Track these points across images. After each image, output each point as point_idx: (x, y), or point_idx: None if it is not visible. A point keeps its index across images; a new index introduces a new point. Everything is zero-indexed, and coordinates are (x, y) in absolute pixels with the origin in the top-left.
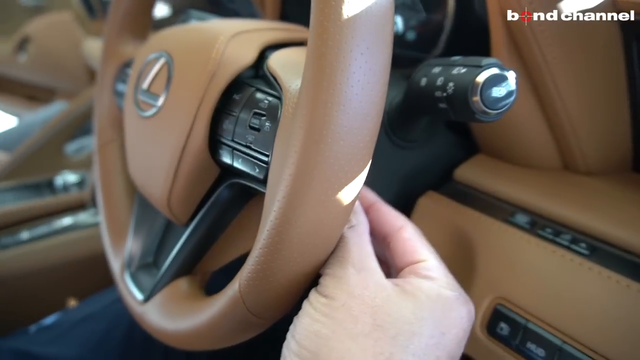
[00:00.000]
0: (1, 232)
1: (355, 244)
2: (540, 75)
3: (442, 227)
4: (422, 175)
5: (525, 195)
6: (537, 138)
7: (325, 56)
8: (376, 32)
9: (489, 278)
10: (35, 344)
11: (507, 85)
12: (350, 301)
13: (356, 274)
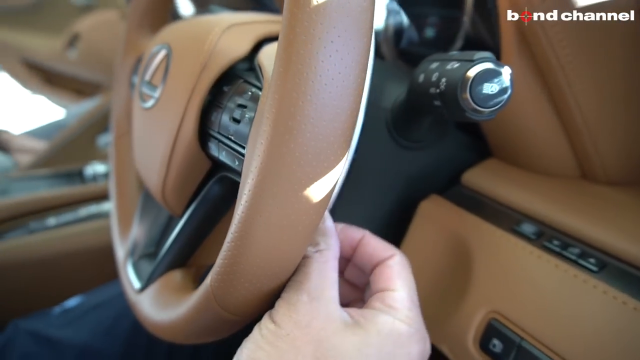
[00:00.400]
0: (30, 218)
1: (316, 270)
2: (554, 77)
3: (442, 233)
4: (428, 177)
5: (534, 204)
6: (553, 144)
7: (292, 44)
8: (349, 19)
9: (485, 290)
10: (50, 327)
11: (500, 82)
12: (296, 331)
13: (308, 303)
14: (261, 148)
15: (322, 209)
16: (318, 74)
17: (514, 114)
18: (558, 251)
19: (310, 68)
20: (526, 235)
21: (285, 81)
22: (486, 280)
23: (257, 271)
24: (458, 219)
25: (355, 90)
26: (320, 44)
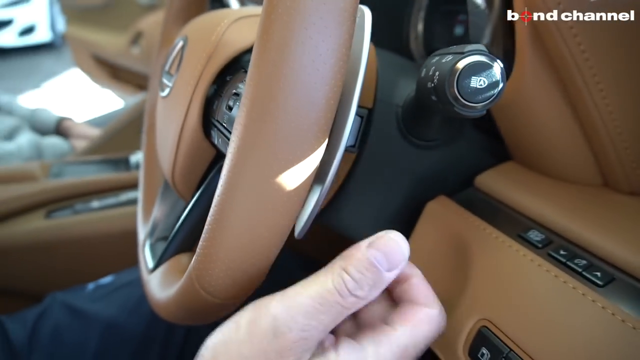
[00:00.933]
0: (77, 199)
1: (331, 311)
2: (570, 76)
3: (444, 236)
4: (439, 178)
5: (546, 210)
6: (571, 149)
7: (267, 31)
8: (326, 7)
9: (479, 296)
10: (82, 300)
11: (490, 76)
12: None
13: (288, 333)
14: (236, 134)
15: (297, 197)
16: (290, 61)
17: (529, 115)
18: (563, 261)
19: (282, 56)
20: (532, 243)
21: (259, 68)
22: (482, 286)
23: (232, 255)
24: (462, 221)
25: (329, 79)
26: (294, 31)
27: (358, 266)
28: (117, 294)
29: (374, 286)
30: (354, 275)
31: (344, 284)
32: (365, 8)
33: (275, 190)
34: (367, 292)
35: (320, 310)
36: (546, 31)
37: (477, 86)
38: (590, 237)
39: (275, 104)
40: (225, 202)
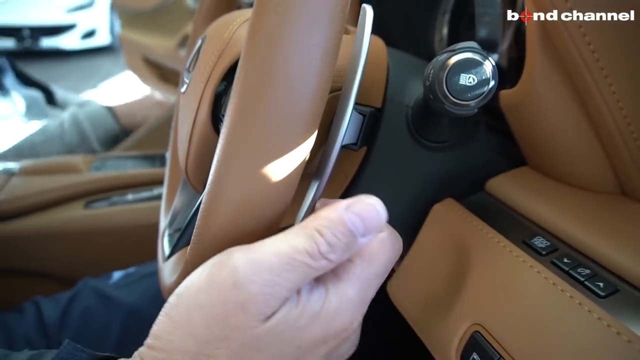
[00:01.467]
0: (114, 192)
1: (294, 269)
2: (583, 80)
3: (447, 239)
4: (449, 180)
5: (554, 216)
6: (585, 154)
7: (256, 24)
8: (315, 2)
9: (475, 301)
10: (111, 286)
11: (480, 73)
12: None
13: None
14: (225, 124)
15: (285, 188)
16: (277, 53)
17: (540, 118)
18: (566, 270)
19: (270, 48)
20: (536, 249)
21: (247, 60)
22: (479, 291)
23: (221, 244)
24: (466, 225)
25: (316, 72)
26: (282, 25)
27: (333, 229)
28: (141, 283)
29: (346, 250)
30: (328, 239)
31: (316, 246)
32: (368, 7)
33: (262, 181)
34: (339, 256)
35: (286, 269)
36: (555, 31)
37: (467, 83)
38: (598, 245)
39: (262, 95)
40: (214, 191)
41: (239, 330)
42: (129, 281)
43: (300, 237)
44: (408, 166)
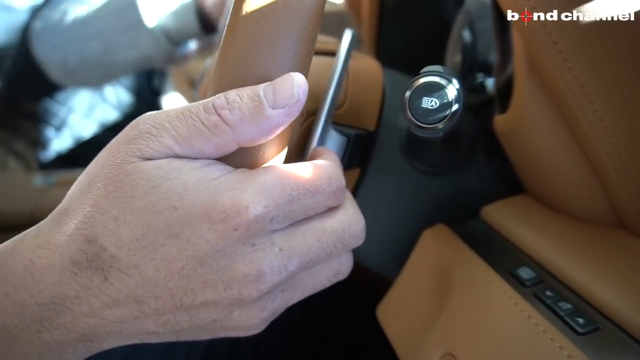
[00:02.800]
0: None
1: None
2: (570, 107)
3: (432, 265)
4: (443, 206)
5: (543, 247)
6: (579, 183)
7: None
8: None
9: (450, 330)
10: None
11: (442, 96)
12: None
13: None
14: None
15: None
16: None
17: (531, 145)
18: (547, 303)
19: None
20: (519, 280)
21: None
22: (454, 319)
23: None
24: (452, 252)
25: None
26: (245, 46)
27: (240, 91)
28: None
29: (247, 116)
30: (228, 95)
31: (212, 100)
32: (349, 30)
33: None
34: (234, 118)
35: (178, 117)
36: (538, 57)
37: (428, 107)
38: (584, 280)
39: None
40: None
41: (114, 165)
42: None
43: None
44: (401, 190)
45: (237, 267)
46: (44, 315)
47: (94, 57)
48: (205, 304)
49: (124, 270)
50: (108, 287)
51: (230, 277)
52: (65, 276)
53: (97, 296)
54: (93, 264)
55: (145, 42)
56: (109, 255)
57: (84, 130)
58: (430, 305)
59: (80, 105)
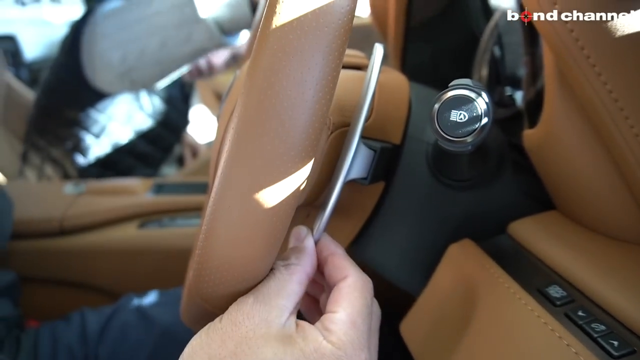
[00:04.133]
0: (165, 215)
1: (276, 279)
2: (596, 113)
3: (459, 282)
4: (470, 220)
5: (573, 265)
6: (612, 199)
7: (252, 60)
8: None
9: (475, 348)
10: (149, 305)
11: (471, 110)
12: (229, 327)
13: (251, 304)
14: (226, 148)
15: (279, 217)
16: (269, 88)
17: (562, 160)
18: (580, 324)
19: (268, 80)
20: (550, 299)
21: (247, 90)
22: (481, 337)
23: (222, 268)
24: (480, 269)
25: (308, 106)
26: (280, 59)
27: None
28: (177, 304)
29: (299, 252)
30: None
31: None
32: (379, 45)
33: (255, 210)
34: (294, 259)
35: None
36: (571, 72)
37: (457, 120)
38: (618, 301)
39: (257, 124)
40: (214, 212)
41: None
42: (166, 301)
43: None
44: (427, 204)
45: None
46: None
47: (152, 53)
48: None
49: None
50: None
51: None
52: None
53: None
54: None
55: (200, 36)
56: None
57: (121, 138)
58: (456, 322)
59: (118, 113)
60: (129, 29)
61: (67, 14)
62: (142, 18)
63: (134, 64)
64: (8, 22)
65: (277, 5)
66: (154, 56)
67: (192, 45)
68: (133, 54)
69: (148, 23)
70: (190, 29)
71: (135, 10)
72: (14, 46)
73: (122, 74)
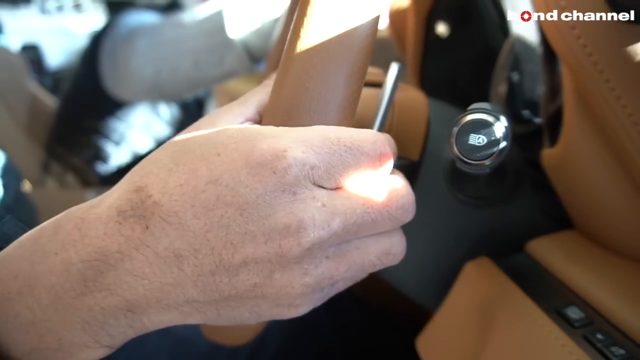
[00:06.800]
0: None
1: None
2: (612, 129)
3: (476, 300)
4: (487, 238)
5: (595, 287)
6: (630, 220)
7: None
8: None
9: None
10: None
11: (490, 134)
12: None
13: None
14: None
15: None
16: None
17: (580, 179)
18: (598, 347)
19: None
20: (568, 321)
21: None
22: (497, 358)
23: None
24: (497, 287)
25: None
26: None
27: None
28: None
29: None
30: None
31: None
32: (395, 64)
33: None
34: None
35: None
36: (588, 92)
37: (476, 144)
38: (638, 324)
39: None
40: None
41: None
42: None
43: None
44: (444, 221)
45: (278, 216)
46: (88, 274)
47: (185, 73)
48: (245, 262)
49: (164, 217)
50: (148, 236)
51: (271, 228)
52: (109, 227)
53: (137, 248)
54: (137, 211)
55: (231, 60)
56: (152, 202)
57: (140, 145)
58: (472, 340)
59: (137, 121)
60: (163, 48)
61: (90, 23)
62: (176, 39)
63: (167, 80)
64: (32, 31)
65: (300, 30)
66: (187, 75)
67: (223, 68)
68: (166, 72)
69: (182, 44)
70: (222, 54)
71: (170, 31)
72: (37, 55)
73: (153, 87)
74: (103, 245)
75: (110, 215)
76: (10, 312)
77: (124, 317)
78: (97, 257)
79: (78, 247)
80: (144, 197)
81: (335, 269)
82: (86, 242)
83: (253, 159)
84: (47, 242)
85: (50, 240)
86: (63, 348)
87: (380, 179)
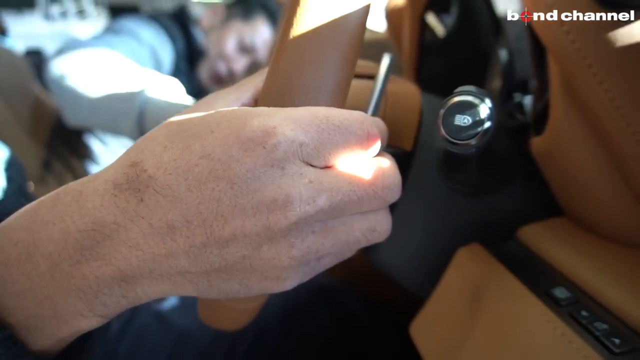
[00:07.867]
0: None
1: None
2: (599, 120)
3: (467, 284)
4: (479, 226)
5: (581, 268)
6: (616, 205)
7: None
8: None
9: (479, 347)
10: (169, 308)
11: (475, 114)
12: None
13: None
14: None
15: None
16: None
17: (567, 166)
18: (583, 323)
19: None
20: (555, 300)
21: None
22: (485, 337)
23: None
24: (487, 271)
25: None
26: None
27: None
28: (194, 307)
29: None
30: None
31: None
32: (387, 55)
33: None
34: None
35: None
36: (573, 79)
37: (461, 124)
38: (621, 301)
39: None
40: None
41: None
42: (185, 303)
43: None
44: (437, 210)
45: (266, 190)
46: (84, 243)
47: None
48: (235, 234)
49: (158, 190)
50: (143, 208)
51: (259, 201)
52: (106, 199)
53: (132, 219)
54: (132, 184)
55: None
56: (147, 176)
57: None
58: (464, 323)
59: None
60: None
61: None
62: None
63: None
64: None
65: (293, 18)
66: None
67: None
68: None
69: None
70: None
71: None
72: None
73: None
74: (100, 216)
75: (106, 188)
76: (9, 278)
77: (118, 287)
78: (93, 227)
79: (75, 217)
80: (139, 171)
81: (321, 244)
82: (83, 212)
83: (244, 135)
84: (46, 212)
85: (49, 211)
86: (58, 315)
87: (368, 159)
